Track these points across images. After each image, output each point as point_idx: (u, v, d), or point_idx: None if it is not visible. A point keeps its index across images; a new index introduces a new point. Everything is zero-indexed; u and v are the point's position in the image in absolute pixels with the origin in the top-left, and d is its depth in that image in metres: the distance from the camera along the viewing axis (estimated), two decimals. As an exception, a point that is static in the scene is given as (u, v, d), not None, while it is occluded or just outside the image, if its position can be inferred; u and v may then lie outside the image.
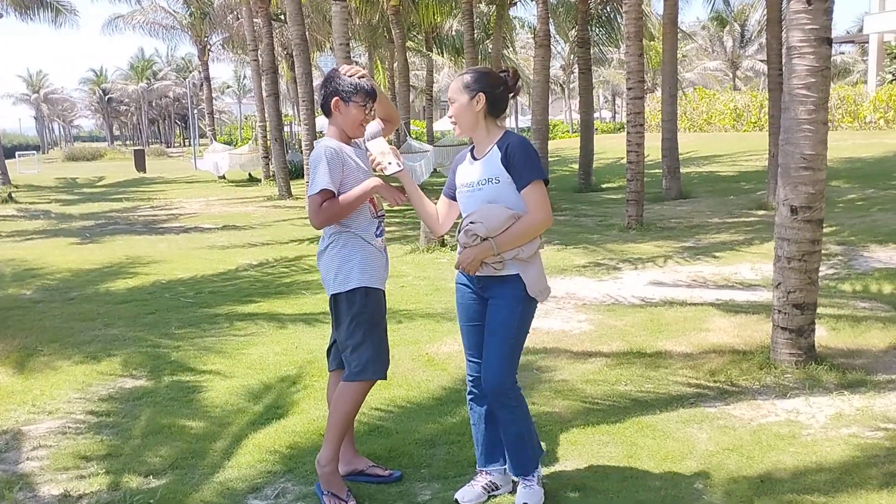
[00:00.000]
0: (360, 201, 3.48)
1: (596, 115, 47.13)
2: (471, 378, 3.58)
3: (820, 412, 4.35)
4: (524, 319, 3.41)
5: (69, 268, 10.20)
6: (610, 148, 29.40)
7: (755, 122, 34.33)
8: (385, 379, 3.64)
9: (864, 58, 54.87)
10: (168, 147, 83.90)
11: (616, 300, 7.40)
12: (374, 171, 3.57)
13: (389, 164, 3.45)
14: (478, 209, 3.33)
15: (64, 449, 4.23)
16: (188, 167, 38.59)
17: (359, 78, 3.54)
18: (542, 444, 3.70)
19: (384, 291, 3.64)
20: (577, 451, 3.97)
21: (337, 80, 3.54)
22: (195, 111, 50.13)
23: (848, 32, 49.84)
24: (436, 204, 3.65)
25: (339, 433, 3.58)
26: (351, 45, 17.82)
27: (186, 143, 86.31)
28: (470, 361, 3.57)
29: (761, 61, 60.78)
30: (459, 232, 3.35)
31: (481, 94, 3.34)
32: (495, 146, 3.33)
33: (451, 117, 3.46)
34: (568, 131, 54.49)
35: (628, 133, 11.88)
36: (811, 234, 4.91)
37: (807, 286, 4.96)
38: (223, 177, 27.84)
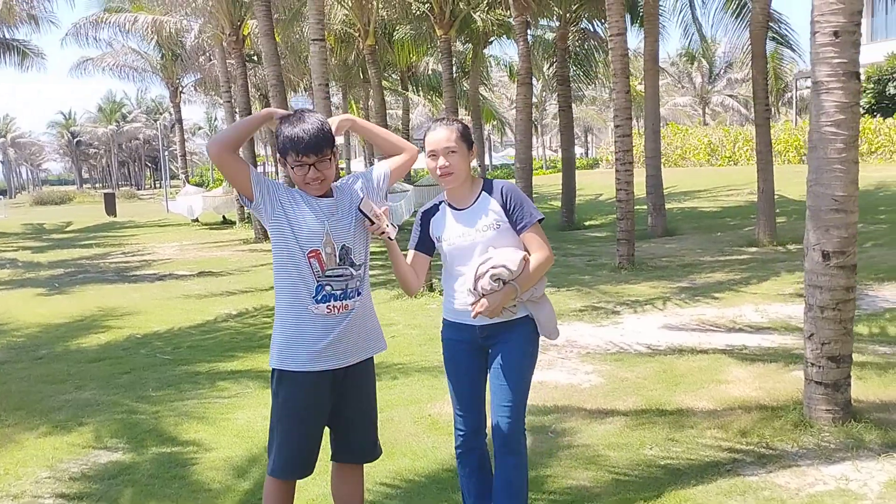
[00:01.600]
0: (251, 125, 3.11)
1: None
2: (461, 433, 3.43)
3: (871, 479, 3.96)
4: (534, 361, 3.39)
5: (37, 322, 9.63)
6: (586, 184, 29.23)
7: (729, 157, 34.51)
8: (289, 480, 3.20)
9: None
10: (139, 189, 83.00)
11: (621, 348, 7.03)
12: (377, 237, 3.12)
13: (388, 227, 3.08)
14: (493, 254, 3.18)
15: (30, 545, 3.73)
16: (160, 210, 37.90)
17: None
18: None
19: (318, 374, 3.05)
20: (612, 533, 3.55)
21: (277, 131, 3.08)
22: (166, 153, 49.54)
23: (814, 67, 50.56)
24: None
25: None
26: (328, 85, 17.46)
27: (157, 186, 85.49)
28: (460, 416, 3.42)
29: (730, 96, 61.67)
30: (478, 279, 3.15)
31: (473, 145, 3.33)
32: (484, 193, 3.31)
33: (444, 168, 3.23)
34: (542, 167, 54.61)
35: (617, 171, 11.61)
36: (845, 280, 4.57)
37: (842, 337, 4.62)
38: (197, 220, 27.27)
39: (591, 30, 20.04)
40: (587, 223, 19.27)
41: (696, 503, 3.78)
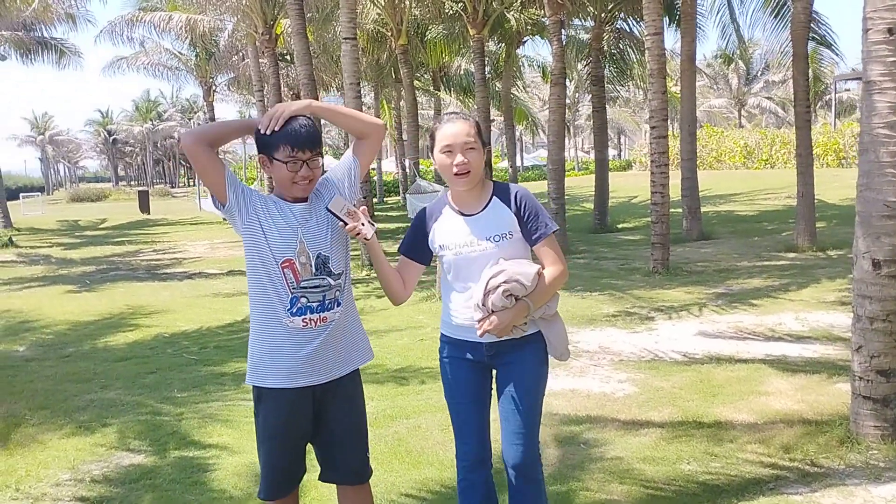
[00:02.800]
0: (232, 128, 2.94)
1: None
2: (465, 465, 3.13)
3: (925, 502, 3.74)
4: (545, 382, 3.13)
5: (66, 319, 9.64)
6: (619, 187, 28.97)
7: (766, 160, 33.95)
8: (272, 500, 3.00)
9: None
10: (173, 187, 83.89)
11: (656, 355, 6.82)
12: (353, 238, 2.89)
13: (363, 225, 2.83)
14: (506, 267, 2.90)
15: (47, 551, 3.64)
16: (192, 208, 38.22)
17: (278, 125, 2.83)
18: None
19: (297, 390, 2.85)
20: (648, 554, 3.37)
21: (263, 132, 2.87)
22: (200, 151, 49.81)
23: (854, 69, 49.61)
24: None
25: None
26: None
27: (191, 184, 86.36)
28: (463, 445, 3.12)
29: (767, 98, 60.75)
30: (488, 294, 2.88)
31: (487, 145, 3.06)
32: (495, 198, 3.02)
33: (463, 164, 2.93)
34: (574, 169, 54.21)
35: (652, 173, 11.38)
36: (897, 291, 4.34)
37: (892, 350, 4.38)
38: (228, 218, 27.38)
39: (627, 30, 19.76)
40: (620, 226, 19.02)
41: (737, 524, 3.59)
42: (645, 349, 7.05)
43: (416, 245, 3.13)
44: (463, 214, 3.03)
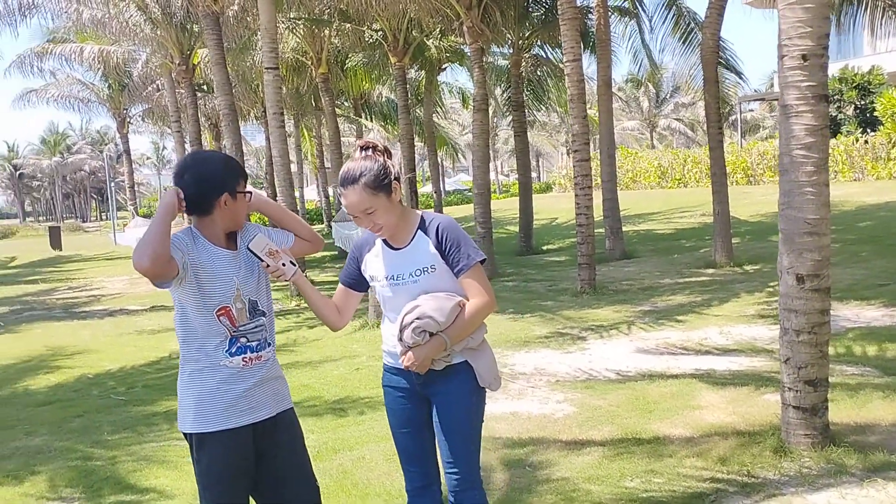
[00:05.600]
0: (168, 219, 2.77)
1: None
2: (410, 491, 3.18)
3: (858, 505, 3.91)
4: (480, 410, 3.12)
5: (-19, 364, 9.22)
6: (541, 209, 29.35)
7: (679, 179, 35.03)
8: None
9: (773, 114, 57.39)
10: (84, 222, 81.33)
11: (590, 375, 6.94)
12: (275, 278, 2.97)
13: (284, 265, 2.90)
14: (421, 303, 2.93)
15: None
16: (107, 243, 37.08)
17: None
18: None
19: (239, 430, 2.85)
20: (601, 573, 3.42)
21: (219, 173, 2.89)
22: (112, 184, 48.51)
23: (756, 91, 51.89)
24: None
25: None
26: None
27: (104, 217, 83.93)
28: (409, 471, 3.16)
29: (677, 119, 62.89)
30: (403, 330, 2.92)
31: (395, 182, 2.98)
32: (419, 231, 3.04)
33: (371, 227, 2.97)
34: (496, 192, 54.81)
35: (577, 195, 11.63)
36: (820, 304, 4.55)
37: (818, 360, 4.59)
38: (146, 252, 26.67)
39: (544, 56, 20.20)
40: (545, 247, 19.32)
41: (684, 538, 3.68)
42: (579, 369, 7.17)
43: (352, 274, 3.19)
44: (391, 248, 3.06)
